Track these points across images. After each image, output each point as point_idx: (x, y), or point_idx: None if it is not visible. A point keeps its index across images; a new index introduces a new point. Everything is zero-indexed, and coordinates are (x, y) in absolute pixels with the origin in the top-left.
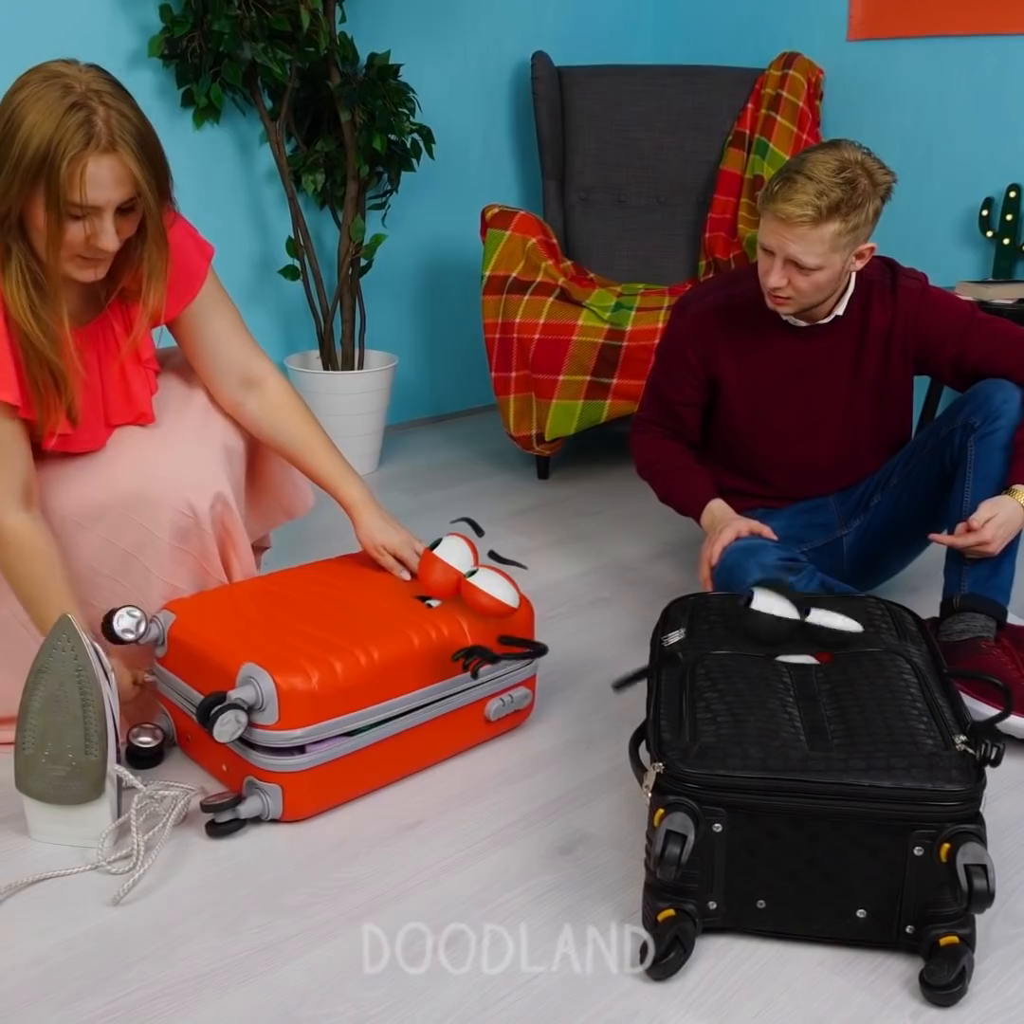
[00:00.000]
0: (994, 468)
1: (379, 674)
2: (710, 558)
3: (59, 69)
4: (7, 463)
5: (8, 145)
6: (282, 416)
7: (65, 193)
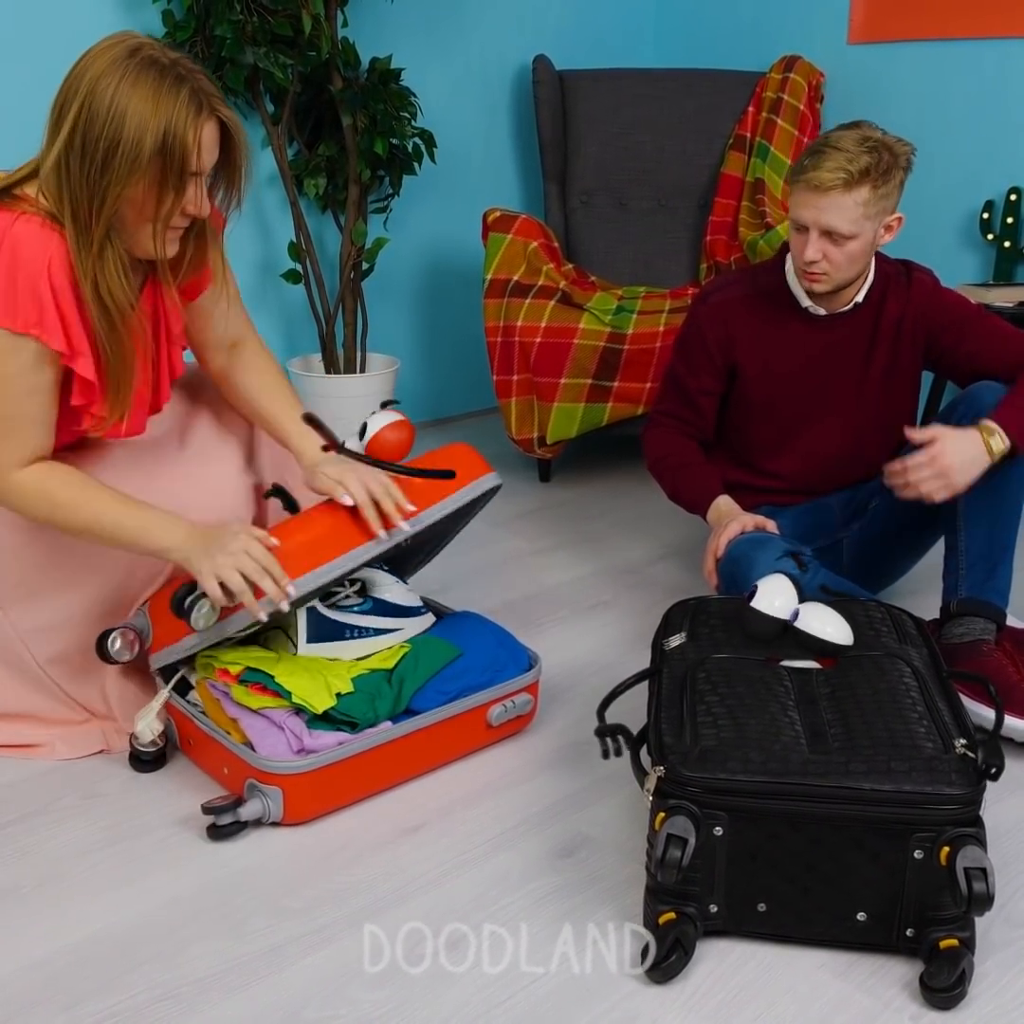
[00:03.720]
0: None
1: (332, 525)
2: (715, 550)
3: (134, 44)
4: (36, 428)
5: (116, 134)
6: (249, 371)
7: (186, 165)
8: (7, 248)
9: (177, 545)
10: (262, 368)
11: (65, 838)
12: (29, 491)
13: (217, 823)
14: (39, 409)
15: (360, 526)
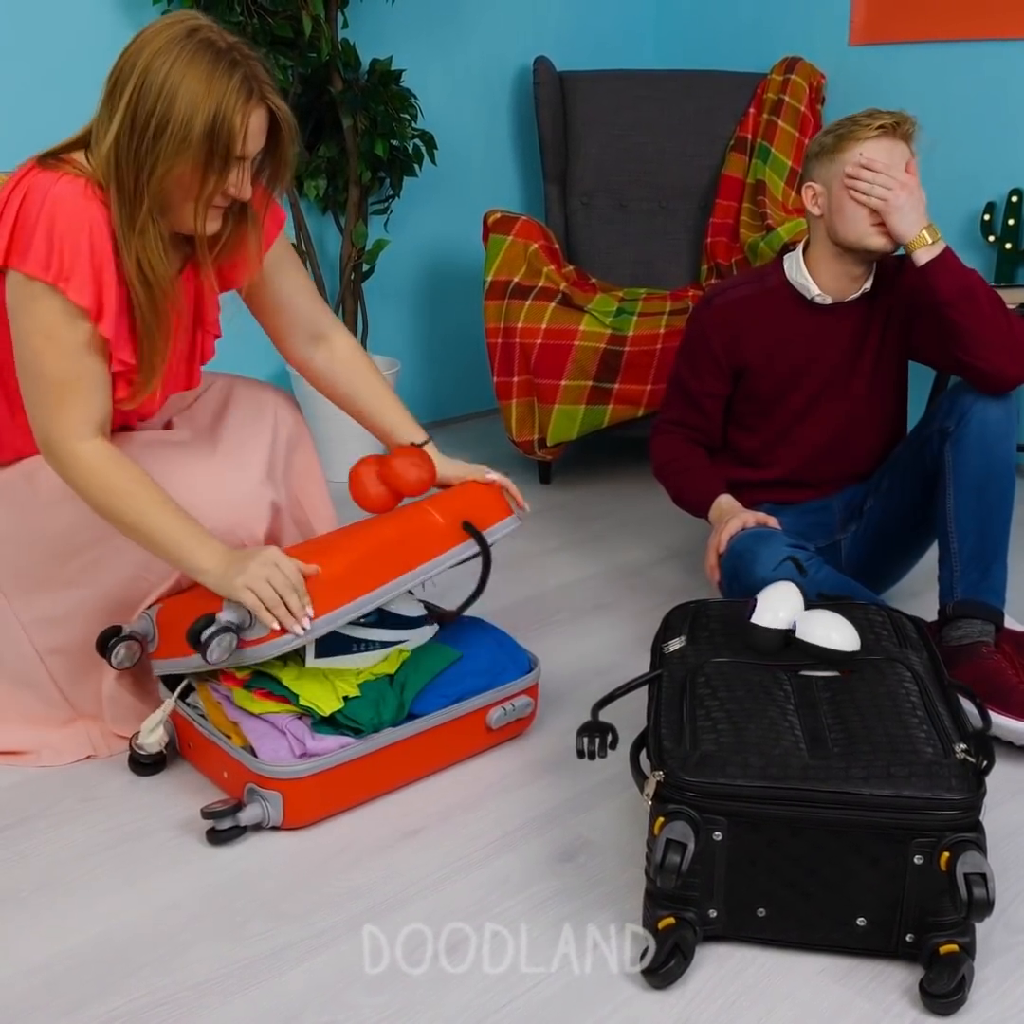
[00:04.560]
0: (972, 469)
1: (357, 564)
2: (717, 546)
3: (193, 24)
4: (94, 395)
5: (166, 113)
6: (349, 372)
7: (232, 148)
8: (48, 204)
9: (211, 568)
10: (358, 367)
11: (64, 842)
12: (88, 466)
13: (217, 827)
14: (93, 369)
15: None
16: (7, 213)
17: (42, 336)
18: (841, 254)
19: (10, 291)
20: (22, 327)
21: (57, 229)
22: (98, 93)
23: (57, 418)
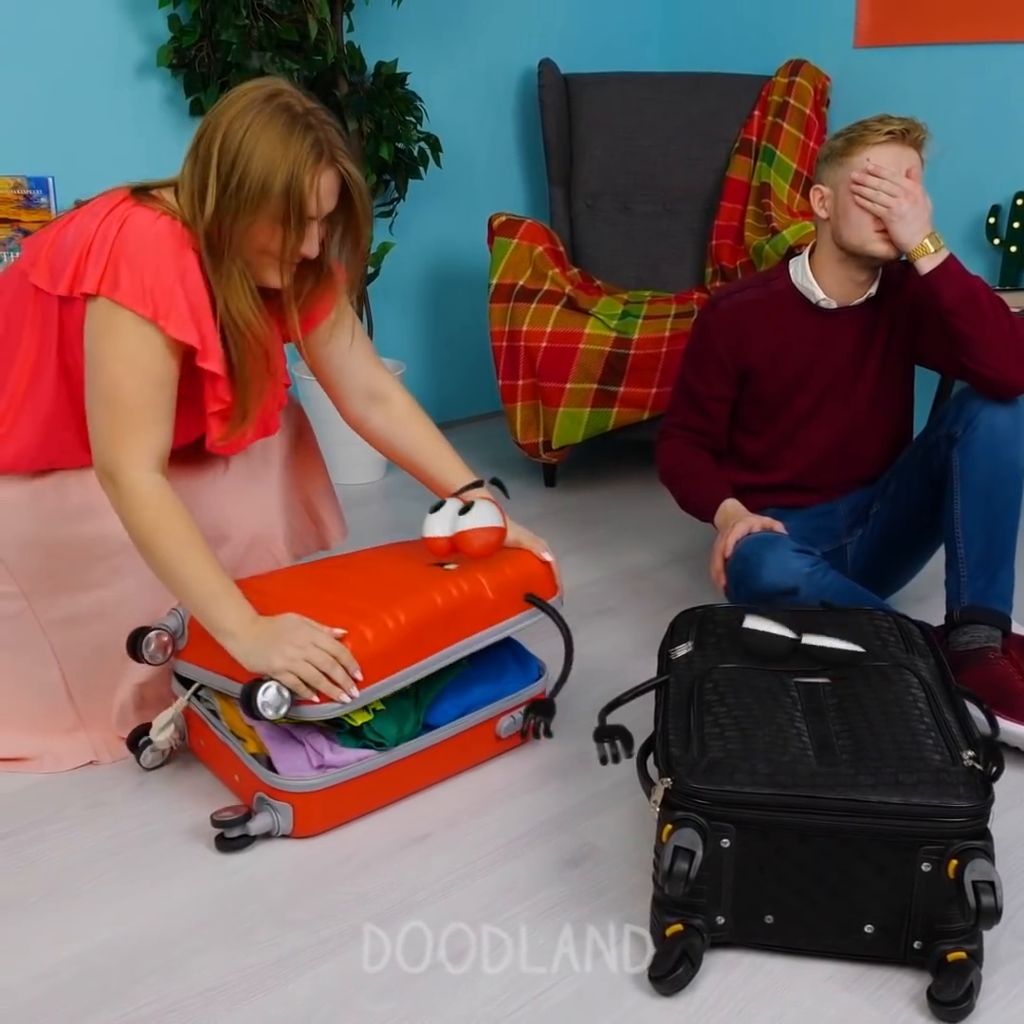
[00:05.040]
0: (979, 475)
1: (408, 636)
2: (723, 550)
3: (274, 88)
4: (163, 428)
5: (243, 175)
6: (408, 430)
7: (305, 208)
8: (151, 239)
9: (240, 630)
10: (415, 427)
11: (71, 847)
12: (144, 498)
13: (226, 835)
14: (166, 402)
15: (446, 629)
16: (101, 240)
17: (124, 363)
18: (845, 259)
19: (93, 317)
20: (102, 352)
21: (155, 266)
22: (105, 96)
23: (124, 445)
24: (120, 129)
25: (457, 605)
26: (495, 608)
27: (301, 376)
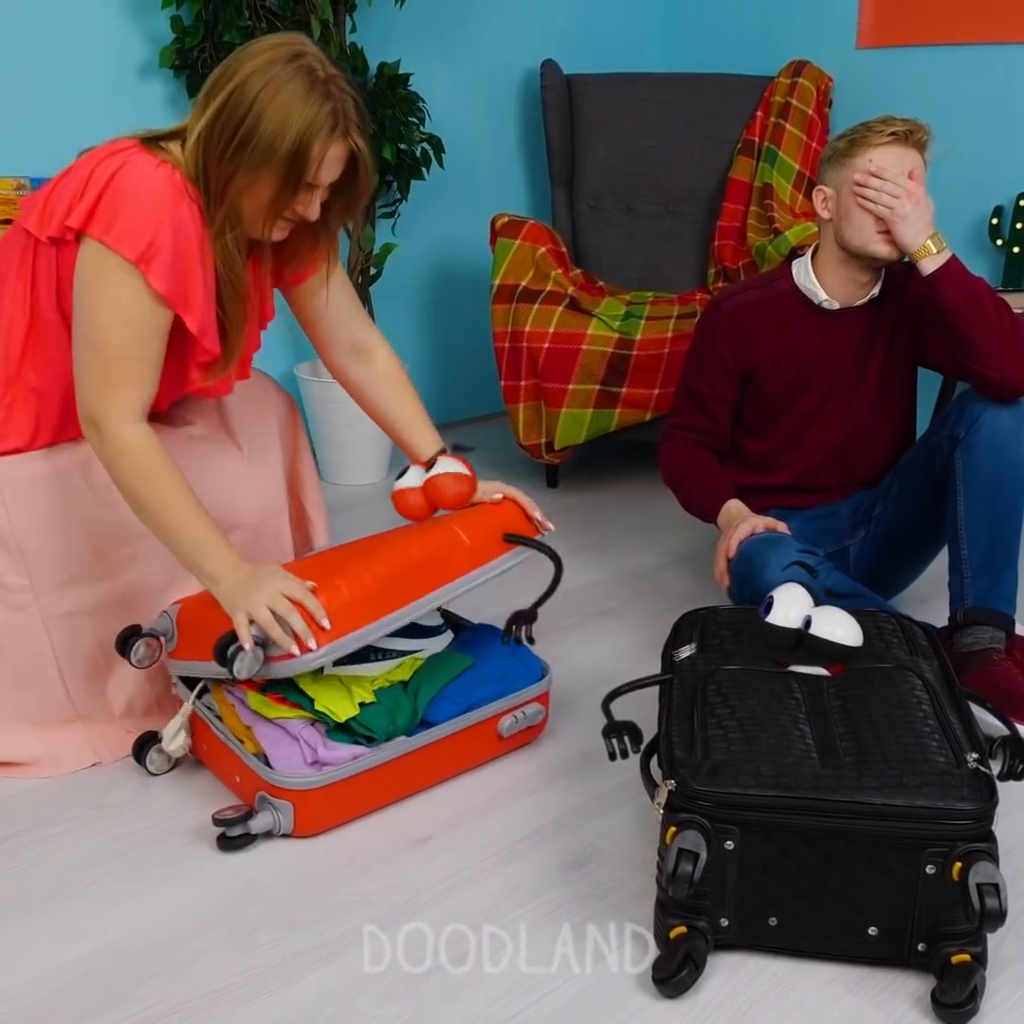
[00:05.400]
0: (982, 476)
1: (383, 583)
2: (726, 551)
3: (298, 49)
4: (149, 379)
5: (249, 125)
6: (384, 387)
7: (304, 173)
8: (144, 185)
9: (223, 575)
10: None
11: (74, 849)
12: (131, 447)
13: (227, 834)
14: (154, 352)
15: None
16: (96, 179)
17: (113, 312)
18: (848, 259)
19: (83, 259)
20: (91, 298)
21: (147, 213)
22: (107, 97)
23: (109, 395)
24: (123, 130)
25: (433, 553)
26: (473, 553)
27: (303, 377)
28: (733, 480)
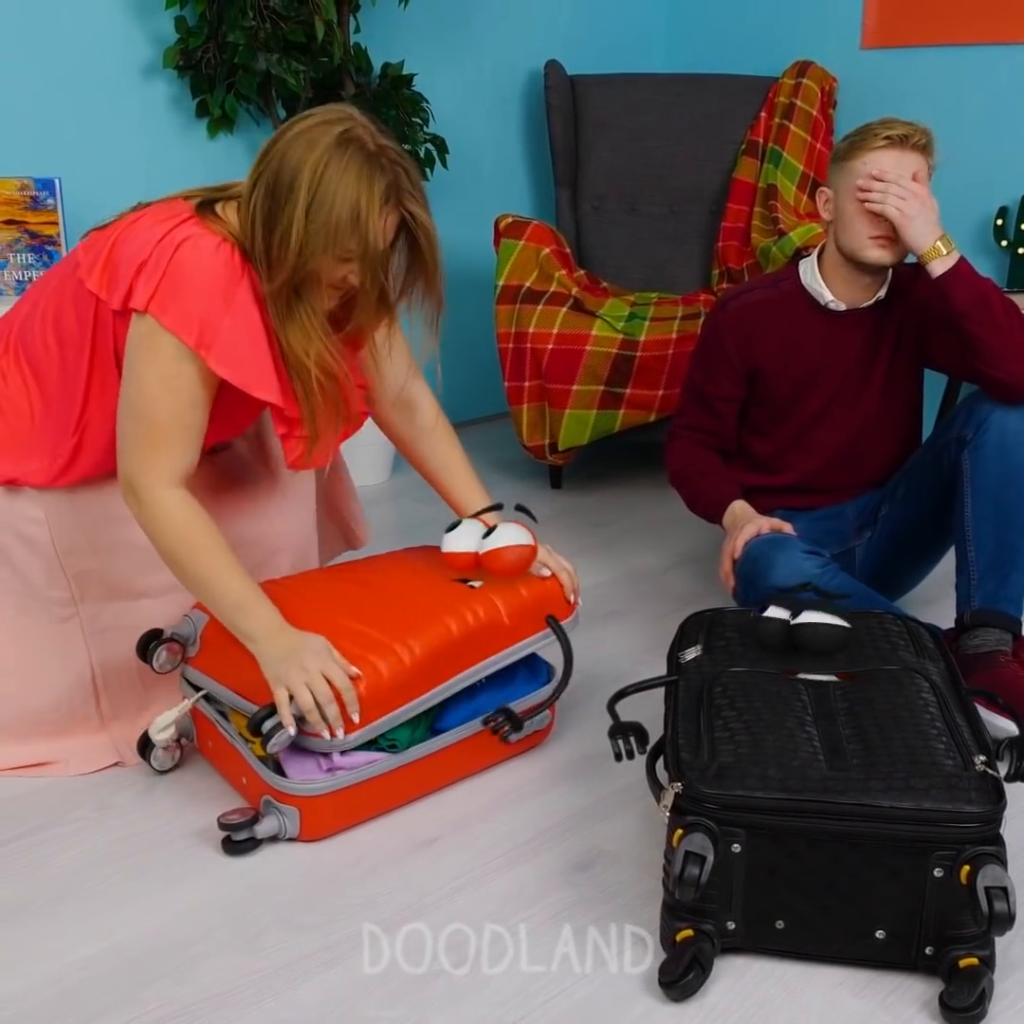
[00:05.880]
0: (990, 478)
1: (421, 669)
2: (732, 552)
3: (346, 127)
4: (192, 446)
5: (320, 213)
6: (430, 441)
7: (377, 243)
8: (207, 267)
9: (265, 637)
10: (438, 439)
11: (79, 850)
12: (169, 514)
13: (233, 838)
14: (198, 423)
15: (459, 656)
16: (158, 258)
17: (161, 383)
18: (846, 262)
19: (137, 333)
20: (140, 368)
21: (205, 297)
22: (111, 98)
23: (150, 462)
24: (126, 130)
25: (472, 632)
26: (509, 633)
27: None
28: (739, 480)
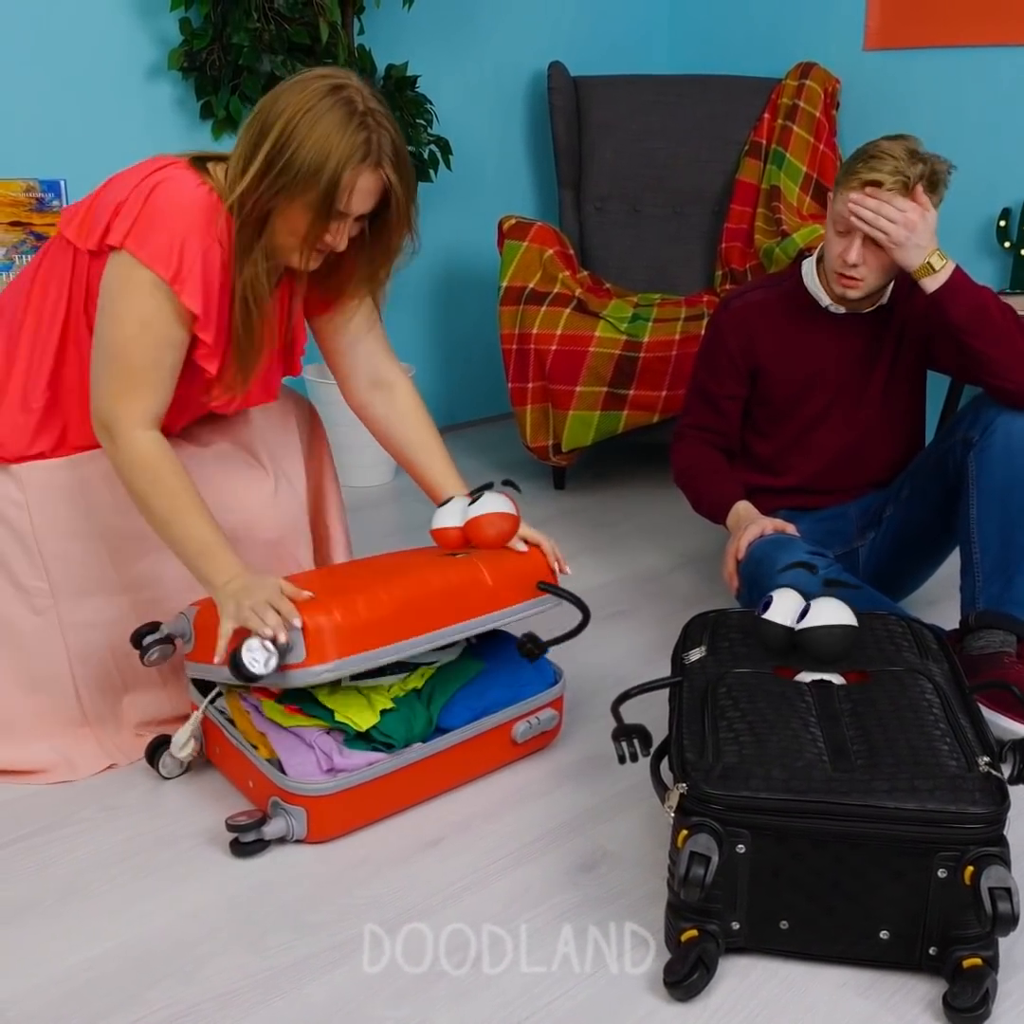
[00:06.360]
0: (995, 480)
1: (400, 608)
2: (735, 552)
3: (340, 82)
4: (165, 388)
5: (287, 153)
6: (405, 424)
7: (336, 201)
8: (185, 204)
9: (223, 579)
10: (413, 421)
11: (86, 850)
12: (142, 455)
13: (241, 839)
14: (172, 363)
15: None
16: (136, 197)
17: (138, 323)
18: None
19: (114, 270)
20: (117, 309)
21: (182, 233)
22: (116, 99)
23: (125, 402)
24: (131, 132)
25: (454, 587)
26: (494, 594)
27: (310, 379)
28: (743, 480)
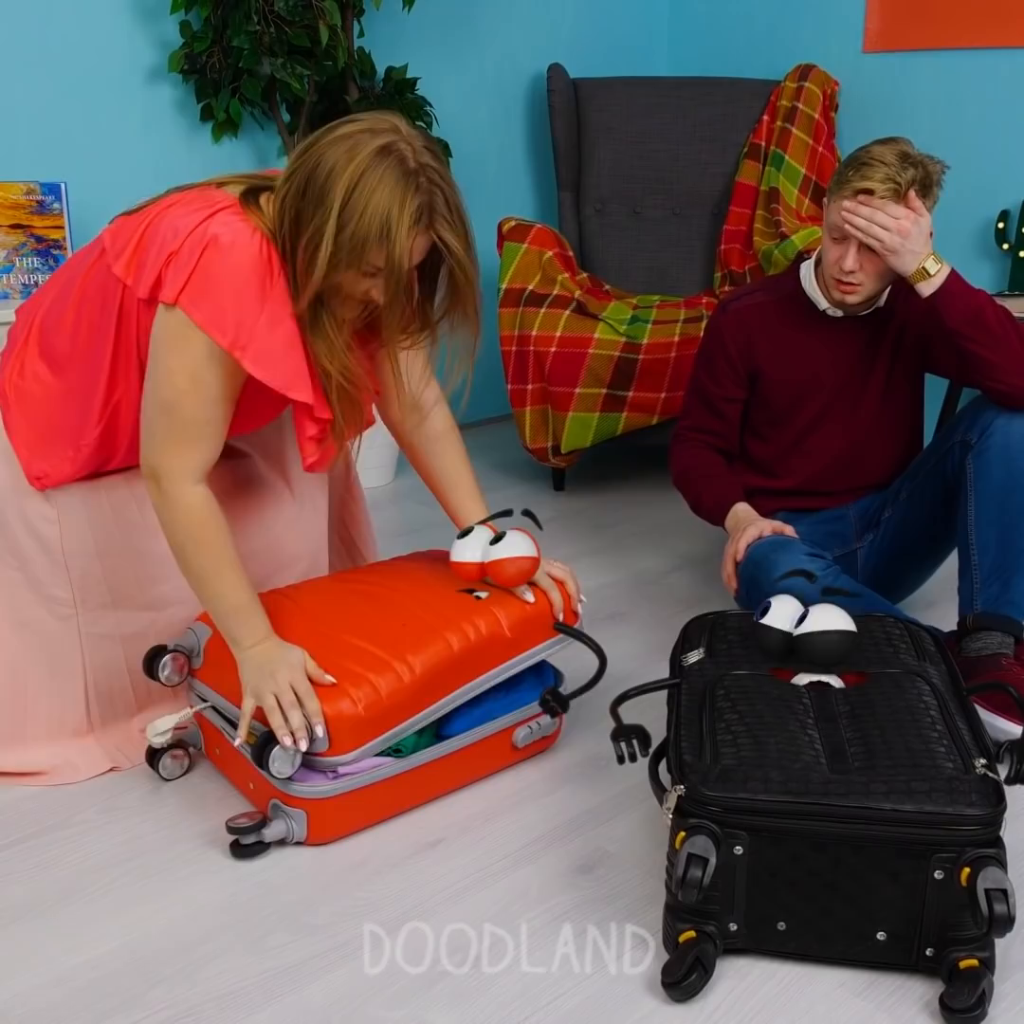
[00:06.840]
0: (994, 482)
1: (420, 686)
2: (734, 554)
3: (389, 140)
4: (215, 441)
5: (348, 229)
6: (436, 449)
7: (403, 262)
8: (241, 260)
9: (249, 644)
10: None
11: (86, 852)
12: (187, 511)
13: (241, 841)
14: (224, 417)
15: (453, 676)
16: (189, 249)
17: (190, 378)
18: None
19: (168, 327)
20: (169, 363)
21: (238, 293)
22: (117, 102)
23: (175, 455)
24: (132, 134)
25: (472, 647)
26: (511, 645)
27: None
28: (742, 482)
